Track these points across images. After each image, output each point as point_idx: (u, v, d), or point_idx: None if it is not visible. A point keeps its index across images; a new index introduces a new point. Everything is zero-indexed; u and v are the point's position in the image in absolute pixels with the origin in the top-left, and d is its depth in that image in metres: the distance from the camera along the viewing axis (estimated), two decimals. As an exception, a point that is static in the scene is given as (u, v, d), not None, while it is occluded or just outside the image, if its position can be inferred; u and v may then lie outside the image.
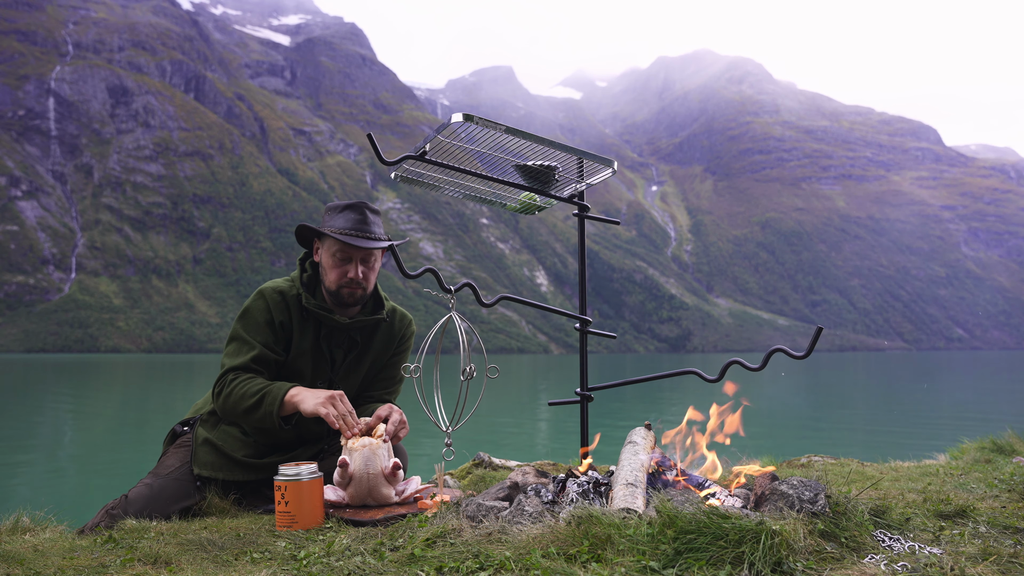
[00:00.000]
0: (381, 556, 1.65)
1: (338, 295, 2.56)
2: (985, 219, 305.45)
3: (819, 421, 16.69)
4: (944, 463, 3.42)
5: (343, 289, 2.55)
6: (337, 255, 2.53)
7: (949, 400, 24.28)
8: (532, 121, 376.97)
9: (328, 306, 2.59)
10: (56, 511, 2.37)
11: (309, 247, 2.70)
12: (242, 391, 2.39)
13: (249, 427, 2.51)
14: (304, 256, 2.71)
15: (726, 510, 1.60)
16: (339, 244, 2.52)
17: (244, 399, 2.37)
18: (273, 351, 2.52)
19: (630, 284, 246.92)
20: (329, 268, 2.56)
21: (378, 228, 2.58)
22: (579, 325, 2.73)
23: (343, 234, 2.50)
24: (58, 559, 1.74)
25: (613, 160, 2.56)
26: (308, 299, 2.54)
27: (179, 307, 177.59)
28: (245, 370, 2.46)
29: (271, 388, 2.38)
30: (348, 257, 2.53)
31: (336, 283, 2.55)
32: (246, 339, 2.49)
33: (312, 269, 2.65)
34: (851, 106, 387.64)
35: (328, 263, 2.56)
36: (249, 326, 2.51)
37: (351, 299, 2.57)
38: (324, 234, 2.56)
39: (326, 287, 2.58)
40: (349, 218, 2.54)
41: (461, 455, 3.82)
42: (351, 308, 2.63)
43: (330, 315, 2.55)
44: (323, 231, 2.54)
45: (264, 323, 2.51)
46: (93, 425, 16.82)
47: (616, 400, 20.64)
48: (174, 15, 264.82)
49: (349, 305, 2.60)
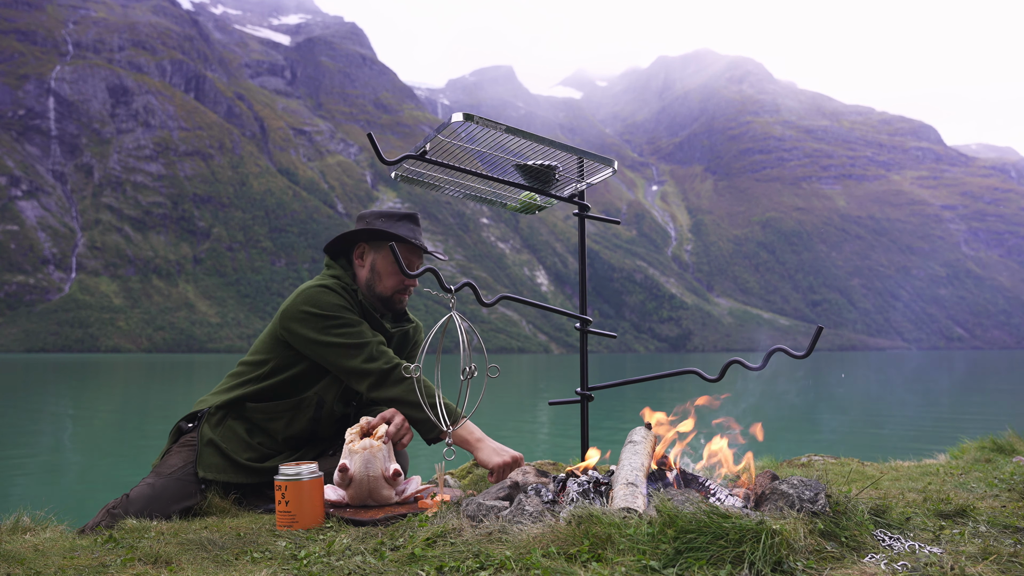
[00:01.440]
0: (381, 556, 1.65)
1: (390, 301, 2.61)
2: (985, 219, 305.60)
3: (819, 421, 16.71)
4: (944, 463, 3.42)
5: (397, 294, 2.61)
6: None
7: (949, 400, 24.28)
8: (532, 121, 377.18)
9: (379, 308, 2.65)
10: (56, 511, 2.35)
11: (346, 249, 2.69)
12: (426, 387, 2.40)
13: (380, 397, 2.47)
14: (330, 261, 2.70)
15: (726, 509, 1.60)
16: (404, 251, 2.59)
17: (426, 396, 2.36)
18: None
19: (630, 284, 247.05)
20: (387, 275, 2.59)
21: None
22: (579, 325, 2.73)
23: (424, 251, 2.62)
24: (59, 559, 1.74)
25: (613, 160, 2.56)
26: (364, 296, 2.59)
27: (179, 307, 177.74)
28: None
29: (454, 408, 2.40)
30: (410, 265, 2.60)
31: (393, 289, 2.60)
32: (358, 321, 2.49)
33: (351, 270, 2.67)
34: (851, 106, 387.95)
35: (387, 269, 2.59)
36: (346, 319, 2.47)
37: (400, 305, 2.65)
38: (397, 240, 2.57)
39: (378, 293, 2.61)
40: (411, 228, 2.63)
41: (461, 455, 3.82)
42: (387, 315, 2.70)
43: (381, 319, 2.61)
44: (393, 231, 2.57)
45: (347, 305, 2.51)
46: (93, 425, 16.83)
47: (616, 400, 20.64)
48: (174, 15, 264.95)
49: (397, 312, 2.68)
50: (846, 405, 21.42)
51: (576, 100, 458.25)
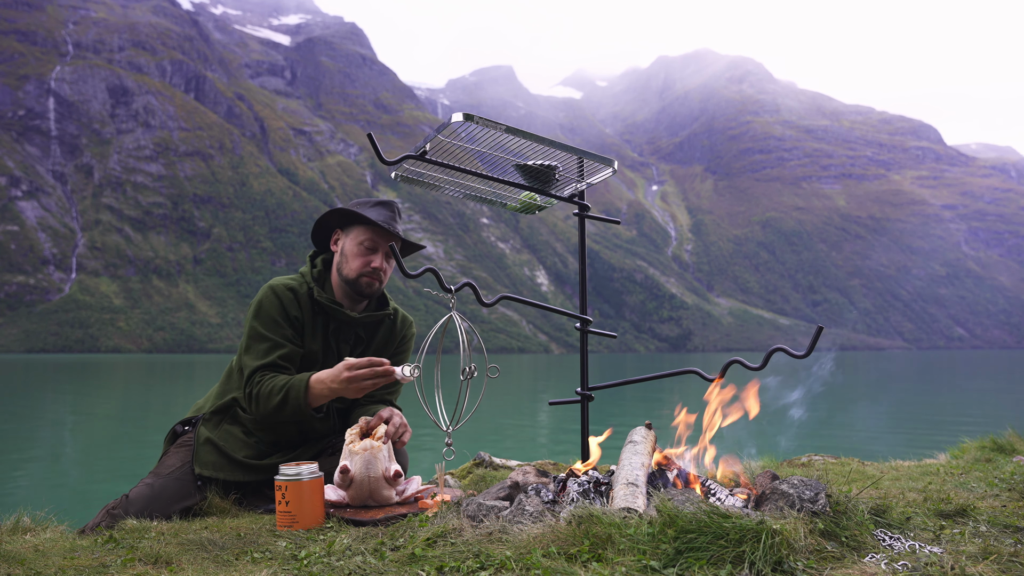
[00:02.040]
0: (382, 556, 1.65)
1: (357, 284, 2.58)
2: (985, 218, 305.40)
3: (819, 420, 16.69)
4: (944, 462, 3.42)
5: (363, 278, 2.57)
6: (365, 243, 2.57)
7: (949, 400, 24.28)
8: (532, 121, 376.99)
9: (338, 300, 2.61)
10: (57, 511, 2.36)
11: (326, 237, 2.72)
12: (268, 389, 2.39)
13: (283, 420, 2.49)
14: (314, 253, 2.72)
15: (727, 509, 1.60)
16: (369, 233, 2.57)
17: (272, 396, 2.38)
18: (296, 345, 2.53)
19: (630, 284, 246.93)
20: (353, 256, 2.58)
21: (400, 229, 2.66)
22: (579, 325, 2.73)
23: (381, 223, 2.57)
24: (59, 559, 1.75)
25: (613, 160, 2.56)
26: (320, 292, 2.56)
27: (179, 307, 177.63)
28: (272, 368, 2.46)
29: (293, 380, 2.39)
30: (375, 247, 2.58)
31: (358, 271, 2.57)
32: (267, 336, 2.49)
33: (322, 265, 2.66)
34: (851, 105, 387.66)
35: (353, 251, 2.58)
36: (267, 323, 2.50)
37: (368, 289, 2.59)
38: (354, 221, 2.60)
39: (344, 276, 2.59)
40: (382, 212, 2.61)
41: (462, 455, 3.82)
42: (360, 303, 2.65)
43: (341, 308, 2.57)
44: (362, 213, 2.57)
45: (281, 318, 2.51)
46: (94, 425, 16.82)
47: (616, 400, 20.64)
48: (174, 15, 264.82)
49: (364, 297, 2.62)
50: (846, 405, 21.41)
51: (576, 100, 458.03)
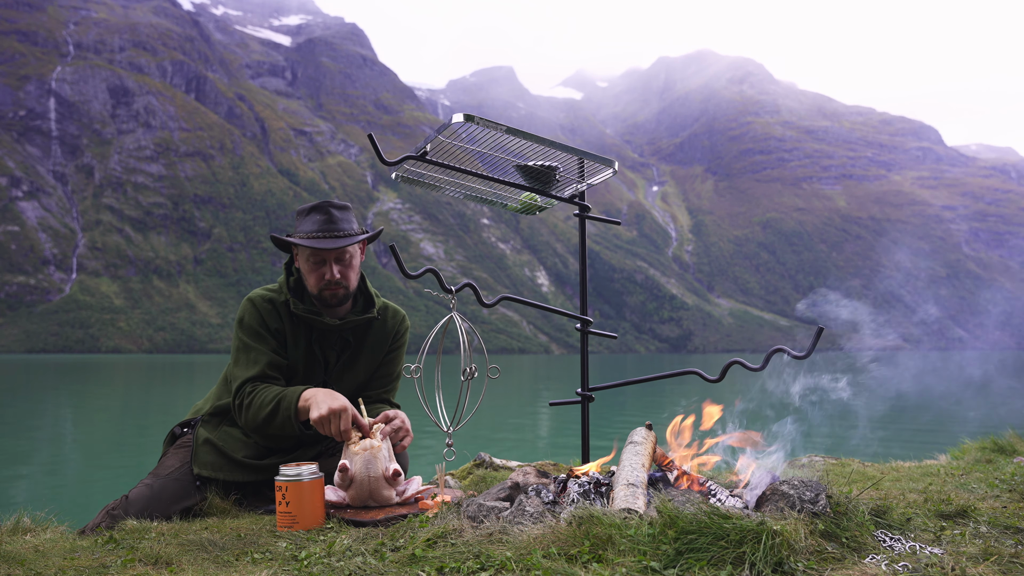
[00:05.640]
0: (382, 556, 1.65)
1: (321, 297, 2.54)
2: (986, 219, 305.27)
3: (819, 421, 16.69)
4: (945, 463, 3.42)
5: (324, 292, 2.53)
6: (311, 259, 2.52)
7: (949, 400, 24.25)
8: (533, 121, 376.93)
9: (317, 309, 2.57)
10: (57, 512, 2.35)
11: (291, 253, 2.70)
12: (259, 401, 2.39)
13: (271, 433, 2.48)
14: (289, 261, 2.70)
15: (727, 510, 1.60)
16: (309, 248, 2.50)
17: (262, 408, 2.38)
18: (281, 355, 2.53)
19: (631, 284, 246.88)
20: (307, 273, 2.54)
21: (347, 224, 2.54)
22: (580, 325, 2.73)
23: (308, 238, 2.48)
24: (59, 560, 1.75)
25: (614, 160, 2.56)
26: (296, 304, 2.53)
27: (180, 307, 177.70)
28: (261, 379, 2.46)
29: (285, 393, 2.38)
30: (321, 260, 2.51)
31: (316, 287, 2.53)
32: (253, 347, 2.49)
33: (298, 273, 2.64)
34: (852, 106, 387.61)
35: (306, 268, 2.54)
36: (251, 334, 2.50)
37: (334, 300, 2.55)
38: (285, 246, 2.59)
39: (309, 291, 2.57)
40: (315, 220, 2.52)
41: (462, 455, 3.82)
42: (339, 308, 2.62)
43: (319, 318, 2.53)
44: (288, 240, 2.52)
45: (263, 330, 2.51)
46: (94, 426, 16.82)
47: (617, 400, 20.63)
48: (175, 15, 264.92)
49: (334, 306, 2.58)
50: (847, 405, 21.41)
51: (577, 101, 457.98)
